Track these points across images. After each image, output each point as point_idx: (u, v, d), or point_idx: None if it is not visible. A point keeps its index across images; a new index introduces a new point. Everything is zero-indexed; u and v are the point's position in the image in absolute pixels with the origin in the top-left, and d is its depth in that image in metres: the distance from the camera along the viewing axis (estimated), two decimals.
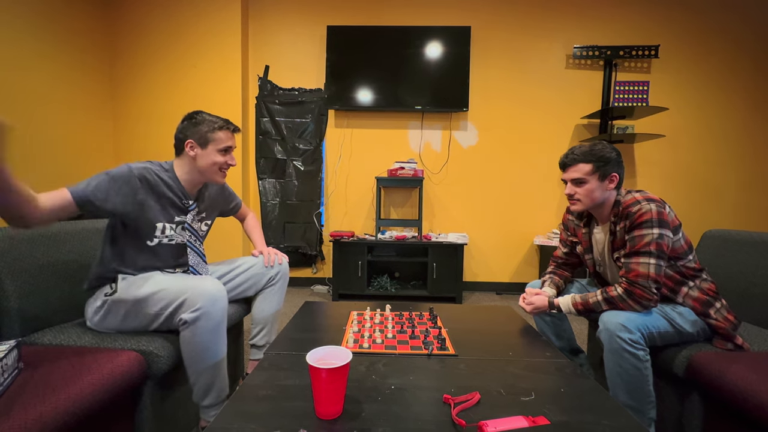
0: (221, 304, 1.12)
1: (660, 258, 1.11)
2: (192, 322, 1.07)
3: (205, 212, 1.39)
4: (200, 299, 1.08)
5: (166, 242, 1.24)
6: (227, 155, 1.27)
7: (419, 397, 0.81)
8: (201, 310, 1.07)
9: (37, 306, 1.17)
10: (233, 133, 1.29)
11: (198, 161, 1.24)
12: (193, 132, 1.22)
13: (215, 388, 1.15)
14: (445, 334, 1.17)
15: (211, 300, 1.09)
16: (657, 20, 3.13)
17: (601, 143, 1.24)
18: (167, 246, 1.25)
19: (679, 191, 3.24)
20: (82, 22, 2.83)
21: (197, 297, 1.08)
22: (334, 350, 0.79)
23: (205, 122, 1.23)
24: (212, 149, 1.23)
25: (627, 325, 1.08)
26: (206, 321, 1.08)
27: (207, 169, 1.25)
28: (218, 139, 1.24)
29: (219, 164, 1.25)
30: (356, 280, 2.94)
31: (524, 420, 0.70)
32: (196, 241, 1.34)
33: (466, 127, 3.27)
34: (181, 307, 1.09)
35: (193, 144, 1.23)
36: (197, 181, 1.30)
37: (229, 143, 1.26)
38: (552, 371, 0.94)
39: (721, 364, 1.01)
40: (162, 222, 1.21)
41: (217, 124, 1.24)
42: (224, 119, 1.27)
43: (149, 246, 1.21)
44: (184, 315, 1.07)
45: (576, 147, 1.26)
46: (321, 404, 0.73)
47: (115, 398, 0.96)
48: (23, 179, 0.87)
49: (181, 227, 1.28)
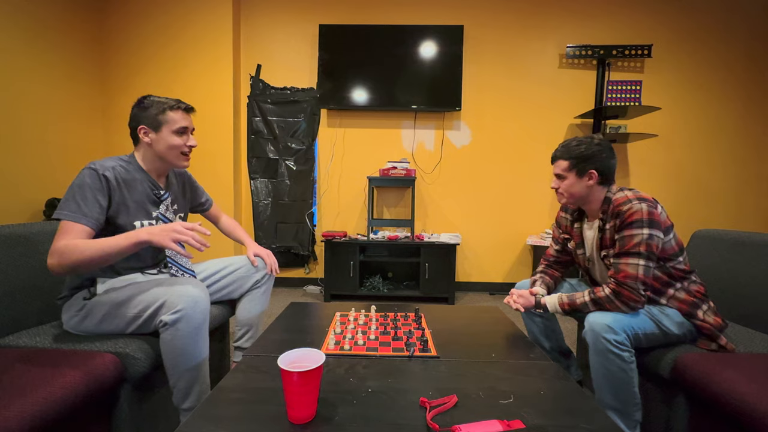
0: (202, 306, 1.10)
1: (649, 259, 1.10)
2: (172, 324, 1.04)
3: (177, 204, 1.36)
4: (181, 301, 1.05)
5: None
6: (184, 136, 1.22)
7: (396, 400, 0.79)
8: (182, 312, 1.04)
9: (12, 308, 1.15)
10: (187, 112, 1.24)
11: (155, 146, 1.20)
12: (144, 117, 1.18)
13: (195, 390, 1.13)
14: (429, 335, 1.15)
15: (192, 301, 1.07)
16: (650, 20, 3.13)
17: (588, 139, 1.23)
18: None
19: (671, 190, 3.24)
20: (74, 24, 2.80)
21: (178, 299, 1.06)
22: (308, 353, 0.77)
23: (155, 104, 1.19)
24: (166, 131, 1.19)
25: (613, 326, 1.06)
26: (187, 323, 1.06)
27: (166, 154, 1.21)
28: (171, 119, 1.19)
29: (177, 147, 1.21)
30: (348, 280, 2.92)
31: (499, 424, 0.68)
32: None
33: (459, 127, 3.26)
34: (161, 309, 1.06)
35: (146, 129, 1.19)
36: (161, 169, 1.25)
37: (183, 123, 1.21)
38: (534, 373, 0.92)
39: (706, 365, 1.00)
40: (140, 220, 1.18)
41: (167, 104, 1.19)
42: (175, 99, 1.23)
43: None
44: (164, 317, 1.05)
45: (565, 141, 1.27)
46: (292, 408, 0.71)
47: (90, 401, 0.94)
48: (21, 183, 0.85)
49: (157, 220, 1.24)
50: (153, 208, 1.23)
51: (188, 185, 1.47)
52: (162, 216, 1.26)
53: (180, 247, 1.03)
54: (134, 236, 1.03)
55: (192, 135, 1.27)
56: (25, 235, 1.22)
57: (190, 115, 1.26)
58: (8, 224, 1.23)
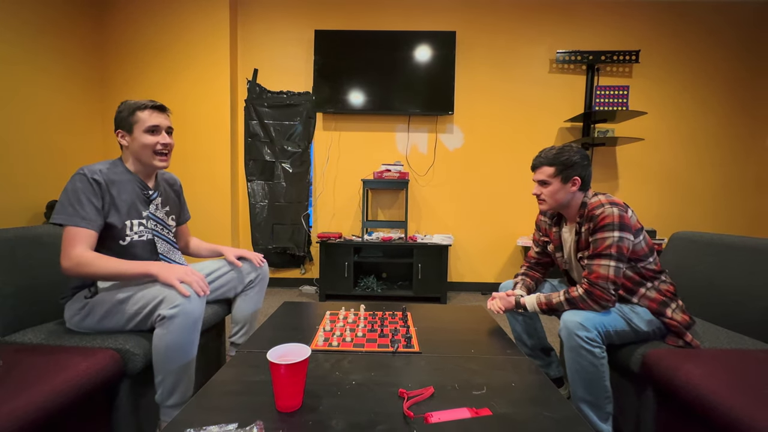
0: (199, 303, 1.14)
1: (620, 260, 1.17)
2: (170, 318, 1.08)
3: (169, 205, 1.40)
4: (179, 297, 1.10)
5: (137, 239, 1.25)
6: (157, 135, 1.24)
7: (377, 392, 0.86)
8: (179, 307, 1.09)
9: (17, 307, 1.20)
10: (158, 111, 1.25)
11: (131, 148, 1.24)
12: (119, 121, 1.23)
13: (180, 388, 1.15)
14: (413, 332, 1.21)
15: (190, 298, 1.12)
16: (638, 26, 3.20)
17: (568, 147, 1.29)
18: (139, 242, 1.25)
19: (658, 192, 3.32)
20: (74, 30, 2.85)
21: (176, 295, 1.10)
22: (295, 347, 0.83)
23: (126, 108, 1.23)
24: (138, 131, 1.22)
25: (585, 324, 1.13)
26: (183, 318, 1.10)
27: (141, 153, 1.24)
28: (140, 119, 1.21)
29: (149, 146, 1.23)
30: (343, 280, 2.98)
31: (468, 412, 0.74)
32: (163, 229, 1.35)
33: (452, 130, 3.33)
34: (160, 305, 1.11)
35: (122, 133, 1.23)
36: (145, 171, 1.29)
37: (153, 122, 1.22)
38: (508, 368, 0.99)
39: (671, 360, 1.07)
40: (131, 219, 1.23)
41: (137, 105, 1.22)
42: (147, 100, 1.24)
43: (122, 245, 1.21)
44: (162, 311, 1.09)
45: (544, 150, 1.32)
46: (280, 398, 0.77)
47: (91, 395, 1.00)
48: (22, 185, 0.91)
49: (147, 219, 1.29)
50: (143, 208, 1.28)
51: (173, 190, 1.48)
52: (152, 215, 1.30)
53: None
54: (146, 268, 1.16)
55: (168, 135, 1.27)
56: (29, 238, 1.28)
57: (165, 114, 1.28)
58: (13, 227, 1.29)
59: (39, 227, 1.36)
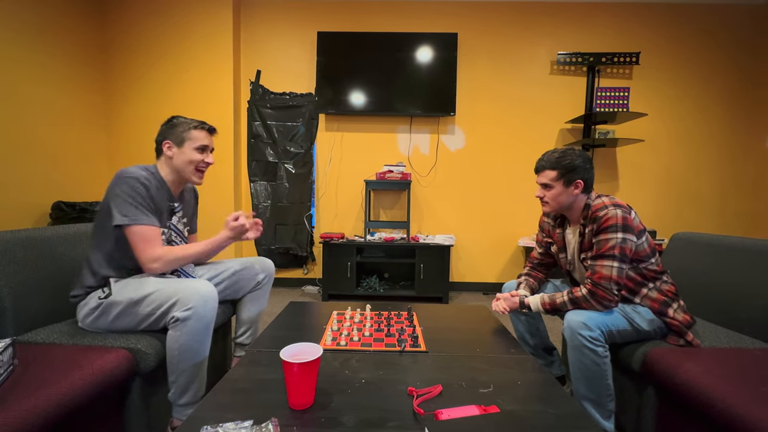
0: (212, 305, 1.17)
1: (622, 261, 1.19)
2: (183, 320, 1.12)
3: (186, 216, 1.45)
4: (192, 299, 1.13)
5: None
6: (204, 153, 1.34)
7: (386, 389, 0.88)
8: (193, 309, 1.12)
9: (31, 306, 1.22)
10: (209, 133, 1.36)
11: (175, 160, 1.31)
12: (170, 133, 1.31)
13: (193, 387, 1.19)
14: (419, 332, 1.24)
15: (203, 300, 1.14)
16: (638, 28, 3.23)
17: (571, 151, 1.31)
18: None
19: (658, 193, 3.35)
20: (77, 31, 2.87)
21: (190, 297, 1.13)
22: (306, 346, 0.85)
23: (181, 123, 1.32)
24: (188, 147, 1.31)
25: (588, 323, 1.15)
26: (196, 320, 1.13)
27: (184, 168, 1.32)
28: (194, 137, 1.31)
29: (195, 162, 1.32)
30: (345, 280, 3.01)
31: (476, 409, 0.77)
32: (181, 241, 1.40)
33: (454, 131, 3.35)
34: (173, 307, 1.14)
35: (170, 144, 1.30)
36: (178, 182, 1.36)
37: (204, 142, 1.33)
38: (513, 366, 1.01)
39: (672, 359, 1.09)
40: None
41: (192, 124, 1.32)
42: (200, 120, 1.35)
43: None
44: (176, 313, 1.12)
45: (547, 153, 1.34)
46: (293, 395, 0.80)
47: (104, 393, 1.02)
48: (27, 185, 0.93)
49: (169, 229, 1.33)
50: (167, 218, 1.33)
51: (192, 205, 1.55)
52: (174, 227, 1.36)
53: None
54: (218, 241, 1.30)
55: (211, 154, 1.38)
56: (40, 239, 1.30)
57: (213, 136, 1.38)
58: (25, 228, 1.31)
59: (49, 228, 1.38)
